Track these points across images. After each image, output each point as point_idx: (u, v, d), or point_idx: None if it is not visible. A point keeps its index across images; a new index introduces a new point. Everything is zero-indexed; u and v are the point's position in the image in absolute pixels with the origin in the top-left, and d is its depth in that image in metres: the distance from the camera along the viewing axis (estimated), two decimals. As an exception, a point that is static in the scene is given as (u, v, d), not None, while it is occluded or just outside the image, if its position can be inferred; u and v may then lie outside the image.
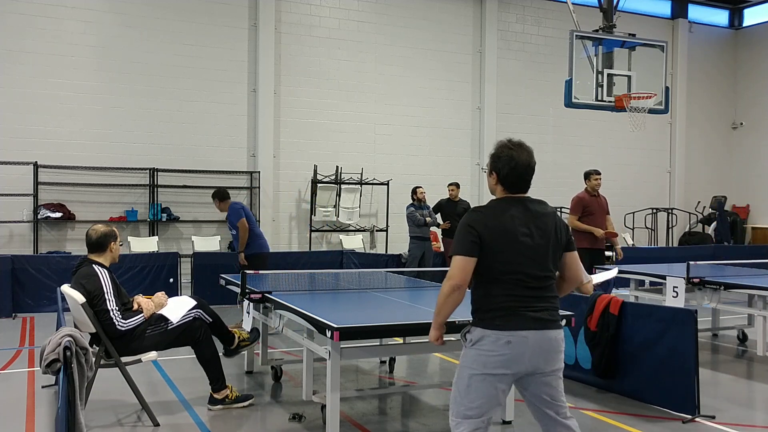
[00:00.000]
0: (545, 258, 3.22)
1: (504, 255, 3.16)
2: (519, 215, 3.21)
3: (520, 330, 3.16)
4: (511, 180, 3.25)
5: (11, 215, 11.12)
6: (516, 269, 3.17)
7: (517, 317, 3.17)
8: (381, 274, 7.57)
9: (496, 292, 3.20)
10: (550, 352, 3.26)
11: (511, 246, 3.16)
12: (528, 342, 3.17)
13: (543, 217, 3.25)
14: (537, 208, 3.27)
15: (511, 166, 3.22)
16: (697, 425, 5.00)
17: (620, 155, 16.05)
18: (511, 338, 3.15)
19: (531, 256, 3.18)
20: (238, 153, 12.74)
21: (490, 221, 3.18)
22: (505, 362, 3.18)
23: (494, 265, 3.17)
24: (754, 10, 17.59)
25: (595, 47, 9.65)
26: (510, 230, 3.17)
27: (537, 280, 3.20)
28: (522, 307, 3.18)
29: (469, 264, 3.15)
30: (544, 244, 3.22)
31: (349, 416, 5.13)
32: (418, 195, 11.14)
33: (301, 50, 13.14)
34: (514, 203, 3.25)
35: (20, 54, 11.24)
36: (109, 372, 4.96)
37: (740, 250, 14.58)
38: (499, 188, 3.30)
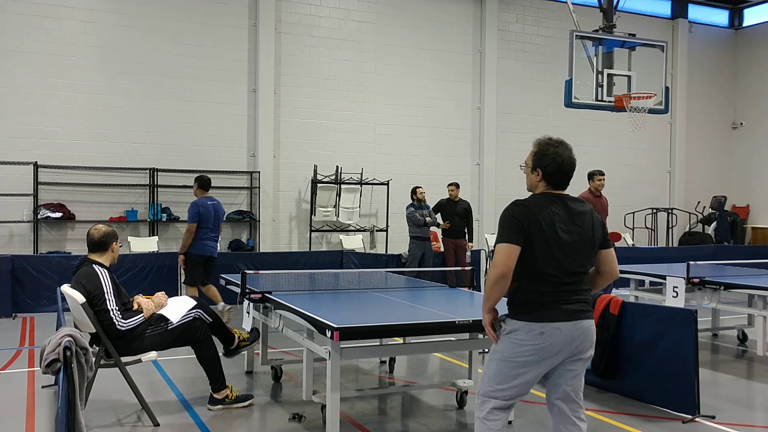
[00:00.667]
0: (581, 254, 3.35)
1: (542, 250, 3.27)
2: (559, 212, 3.33)
3: (553, 322, 3.27)
4: (557, 177, 3.39)
5: (11, 215, 11.12)
6: (553, 264, 3.28)
7: (551, 310, 3.29)
8: (381, 274, 7.58)
9: (532, 285, 3.32)
10: (581, 339, 3.34)
11: (550, 241, 3.28)
12: (561, 333, 3.28)
13: (581, 215, 3.38)
14: (575, 205, 3.40)
15: (558, 162, 3.37)
16: (697, 425, 5.01)
17: (620, 155, 16.05)
18: (544, 329, 3.27)
19: (568, 252, 3.30)
20: (238, 153, 12.74)
21: (533, 215, 3.29)
22: (536, 352, 3.29)
23: (532, 258, 3.28)
24: (754, 10, 17.59)
25: (595, 47, 9.65)
26: (550, 226, 3.28)
27: (572, 276, 3.33)
28: (556, 301, 3.30)
29: (514, 252, 3.26)
30: (581, 241, 3.34)
31: (349, 416, 5.13)
32: (418, 195, 11.14)
33: (301, 50, 13.14)
34: (555, 200, 3.37)
35: (20, 54, 11.24)
36: (109, 372, 4.96)
37: (740, 250, 14.59)
38: (542, 184, 3.42)
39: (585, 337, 3.35)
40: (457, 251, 11.34)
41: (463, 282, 6.78)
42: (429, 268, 10.34)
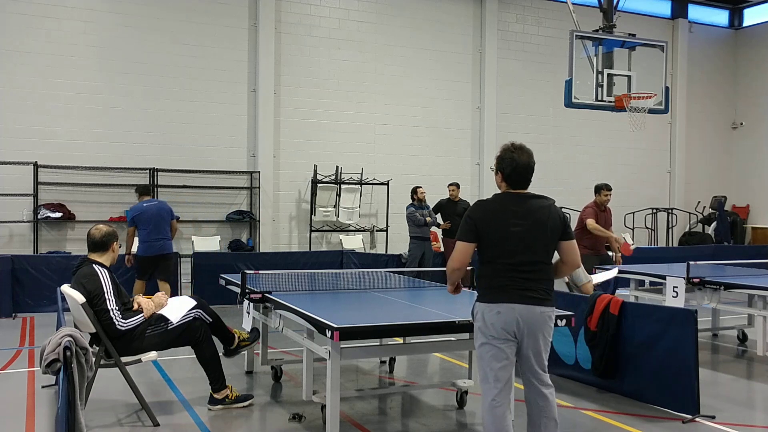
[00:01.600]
0: (536, 246, 3.76)
1: (496, 242, 3.75)
2: (515, 208, 3.78)
3: (508, 303, 3.72)
4: (514, 178, 3.86)
5: (11, 215, 11.12)
6: (506, 254, 3.73)
7: (506, 293, 3.73)
8: (381, 274, 7.58)
9: (490, 273, 3.79)
10: (537, 322, 3.75)
11: (502, 234, 3.73)
12: (515, 311, 3.71)
13: (539, 210, 3.79)
14: (533, 201, 3.82)
15: (513, 166, 3.86)
16: (697, 425, 5.01)
17: (620, 155, 16.05)
18: (500, 309, 3.73)
19: (521, 243, 3.73)
20: (238, 153, 12.74)
21: (487, 212, 3.80)
22: (497, 328, 3.72)
23: (488, 250, 3.78)
24: (754, 10, 17.59)
25: (595, 47, 9.65)
26: (503, 220, 3.74)
27: (527, 265, 3.74)
28: (511, 286, 3.73)
29: (466, 248, 3.80)
30: (537, 233, 3.75)
31: (349, 416, 5.13)
32: (418, 195, 11.14)
33: (301, 50, 13.14)
34: (513, 197, 3.83)
35: (20, 54, 11.24)
36: (109, 372, 4.96)
37: (740, 250, 14.58)
38: (504, 185, 3.91)
39: (541, 320, 3.75)
40: (457, 251, 11.32)
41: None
42: (429, 268, 10.34)
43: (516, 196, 3.84)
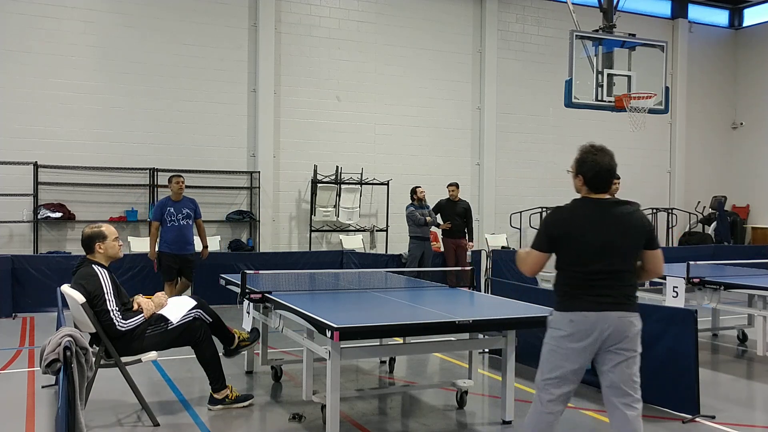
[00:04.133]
0: (615, 255, 3.59)
1: (573, 250, 3.61)
2: (593, 214, 3.64)
3: (581, 311, 3.57)
4: (595, 182, 3.68)
5: (11, 215, 11.11)
6: (582, 263, 3.59)
7: (579, 300, 3.59)
8: (381, 274, 7.58)
9: (565, 280, 3.67)
10: (615, 327, 3.56)
11: (579, 243, 3.60)
12: (589, 320, 3.56)
13: (620, 217, 3.64)
14: (614, 208, 3.67)
15: (595, 170, 3.66)
16: (697, 425, 5.01)
17: (620, 155, 15.72)
18: (573, 317, 3.59)
19: (598, 252, 3.58)
20: (238, 153, 12.74)
21: (565, 220, 3.68)
22: (570, 337, 3.59)
23: (564, 258, 3.66)
24: (754, 10, 17.58)
25: (595, 47, 9.64)
26: (581, 228, 3.61)
27: (603, 274, 3.59)
28: (585, 294, 3.59)
29: (539, 258, 3.70)
30: (617, 242, 3.59)
31: (349, 416, 5.13)
32: (418, 195, 11.14)
33: (301, 50, 13.14)
34: (592, 204, 3.69)
35: (20, 54, 11.24)
36: (109, 372, 4.96)
37: (740, 250, 14.58)
38: (584, 189, 3.74)
39: (615, 327, 3.55)
40: (458, 251, 11.34)
41: (463, 282, 6.77)
42: (429, 268, 10.34)
43: (597, 202, 3.69)
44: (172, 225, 8.68)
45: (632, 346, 3.61)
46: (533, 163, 15.21)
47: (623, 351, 3.59)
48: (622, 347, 3.59)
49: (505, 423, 5.01)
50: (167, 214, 8.68)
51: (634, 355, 3.62)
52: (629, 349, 3.60)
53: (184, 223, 8.70)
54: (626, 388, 3.61)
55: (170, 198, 8.85)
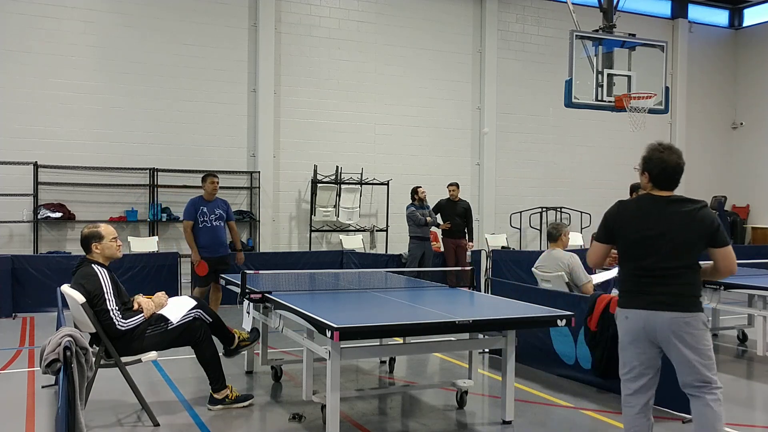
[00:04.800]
0: (672, 250, 3.61)
1: (628, 245, 3.71)
2: (653, 210, 3.67)
3: (635, 308, 3.68)
4: (661, 180, 3.72)
5: (11, 215, 11.11)
6: (638, 257, 3.67)
7: (635, 298, 3.70)
8: (381, 274, 7.57)
9: (625, 275, 3.79)
10: (668, 329, 3.62)
11: (635, 237, 3.67)
12: (641, 318, 3.66)
13: (680, 214, 3.64)
14: (676, 206, 3.67)
15: (661, 167, 3.70)
16: (697, 425, 5.00)
17: (620, 155, 16.03)
18: (628, 314, 3.72)
19: (654, 247, 3.63)
20: (238, 153, 12.74)
21: (623, 214, 3.76)
22: (625, 334, 3.74)
23: (624, 250, 3.76)
24: (754, 10, 17.58)
25: (595, 47, 9.64)
26: (636, 223, 3.68)
27: (658, 270, 3.63)
28: (639, 291, 3.68)
29: (599, 249, 3.86)
30: (674, 237, 3.61)
31: (349, 416, 5.13)
32: (419, 195, 11.14)
33: (301, 50, 13.14)
34: (654, 200, 3.71)
35: (20, 54, 11.24)
36: (109, 372, 4.96)
37: (740, 250, 14.52)
38: (650, 186, 3.77)
39: (670, 328, 3.61)
40: (458, 251, 11.34)
41: (463, 282, 6.77)
42: (429, 268, 10.34)
43: (657, 198, 3.72)
44: (204, 226, 8.16)
45: (695, 344, 3.64)
46: (533, 163, 15.21)
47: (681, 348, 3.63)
48: (683, 345, 3.63)
49: (505, 423, 5.00)
50: (200, 214, 8.15)
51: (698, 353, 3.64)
52: (691, 346, 3.63)
53: (216, 224, 8.23)
54: (696, 383, 3.68)
55: (202, 197, 8.32)
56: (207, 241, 8.14)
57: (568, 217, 14.86)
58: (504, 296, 6.15)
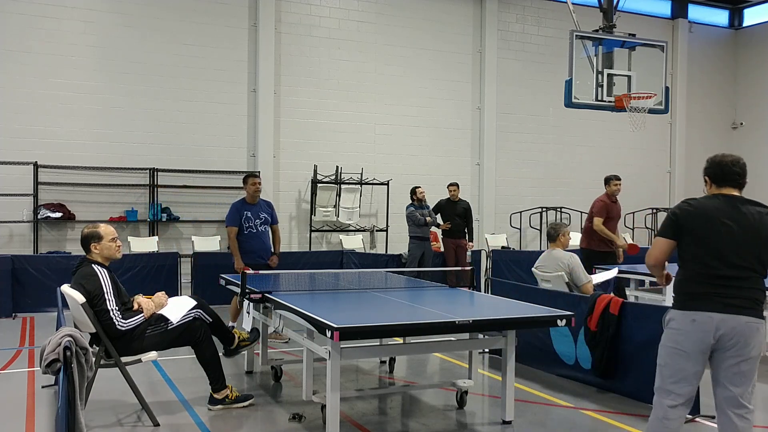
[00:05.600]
0: (744, 251, 3.48)
1: (701, 241, 3.51)
2: (724, 208, 3.56)
3: (706, 311, 3.46)
4: (719, 175, 3.67)
5: (11, 215, 11.11)
6: (711, 255, 3.48)
7: (706, 300, 3.48)
8: (381, 274, 7.58)
9: (690, 276, 3.56)
10: (739, 333, 3.44)
11: (709, 234, 3.50)
12: (713, 321, 3.45)
13: (752, 215, 3.55)
14: (746, 206, 3.60)
15: (716, 161, 3.70)
16: (697, 425, 5.01)
17: (620, 155, 16.04)
18: (696, 317, 3.48)
19: (729, 246, 3.47)
20: (238, 153, 12.74)
21: (693, 210, 3.58)
22: (688, 339, 3.49)
23: (690, 249, 3.55)
24: (754, 10, 17.58)
25: (595, 47, 9.65)
26: (711, 219, 3.52)
27: (732, 269, 3.47)
28: (711, 293, 3.48)
29: (664, 245, 3.63)
30: (747, 238, 3.48)
31: (349, 416, 5.13)
32: (418, 195, 11.13)
33: (301, 50, 13.14)
34: (722, 198, 3.61)
35: (20, 54, 11.24)
36: (109, 372, 4.96)
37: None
38: (713, 189, 3.70)
39: (741, 333, 3.43)
40: (458, 251, 11.34)
41: (463, 282, 6.77)
42: (429, 268, 10.34)
43: (727, 197, 3.63)
44: (250, 232, 7.73)
45: (754, 354, 3.49)
46: (533, 163, 15.21)
47: (744, 358, 3.46)
48: (744, 354, 3.46)
49: (505, 423, 5.01)
50: (245, 219, 7.73)
51: (751, 365, 3.50)
52: (750, 358, 3.48)
53: (262, 229, 7.80)
54: (741, 400, 3.51)
55: (245, 201, 7.92)
56: (254, 248, 7.72)
57: (568, 217, 14.86)
58: (504, 296, 6.15)
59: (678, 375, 3.54)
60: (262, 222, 7.82)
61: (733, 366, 3.49)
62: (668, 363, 3.58)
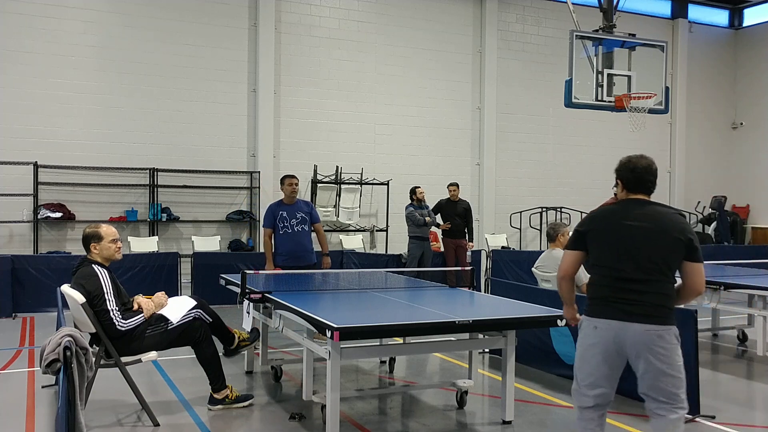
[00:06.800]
0: (650, 252, 3.42)
1: (604, 244, 3.52)
2: (629, 210, 3.52)
3: (606, 318, 3.48)
4: (632, 181, 3.59)
5: (11, 215, 11.11)
6: (614, 257, 3.47)
7: (606, 306, 3.49)
8: (381, 274, 7.57)
9: (595, 279, 3.60)
10: (640, 342, 3.40)
11: (612, 236, 3.50)
12: (612, 329, 3.46)
13: (659, 215, 3.48)
14: (654, 207, 3.53)
15: (629, 168, 3.61)
16: (697, 425, 5.01)
17: (620, 155, 15.94)
18: (597, 324, 3.51)
19: (633, 247, 3.43)
20: (238, 153, 12.74)
21: (596, 216, 3.64)
22: (593, 346, 3.53)
23: (595, 253, 3.57)
24: (754, 10, 17.58)
25: (595, 47, 9.65)
26: (614, 222, 3.52)
27: (636, 272, 3.43)
28: (612, 297, 3.47)
29: (570, 256, 3.64)
30: (653, 239, 3.42)
31: (349, 416, 5.13)
32: (417, 195, 11.13)
33: (301, 50, 13.14)
34: (629, 202, 3.58)
35: (20, 54, 11.24)
36: (109, 372, 4.96)
37: (740, 250, 14.58)
38: (624, 194, 3.64)
39: (636, 341, 3.39)
40: (458, 251, 11.34)
41: (463, 282, 6.77)
42: (428, 268, 10.34)
43: (636, 202, 3.56)
44: (285, 232, 7.57)
45: (667, 360, 3.39)
46: (533, 163, 15.21)
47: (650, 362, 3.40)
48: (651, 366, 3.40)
49: (505, 423, 5.00)
50: (279, 220, 7.58)
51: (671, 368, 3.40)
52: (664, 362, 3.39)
53: (299, 229, 7.60)
54: (661, 397, 3.44)
55: (282, 201, 7.75)
56: (289, 249, 7.54)
57: (568, 217, 14.86)
58: (504, 296, 6.15)
59: (588, 378, 3.57)
60: (299, 222, 7.62)
61: (646, 376, 3.43)
62: (579, 366, 3.62)
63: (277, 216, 7.61)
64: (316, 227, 7.83)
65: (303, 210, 7.71)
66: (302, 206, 7.77)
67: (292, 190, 7.68)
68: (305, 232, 7.67)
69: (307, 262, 7.65)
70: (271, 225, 7.63)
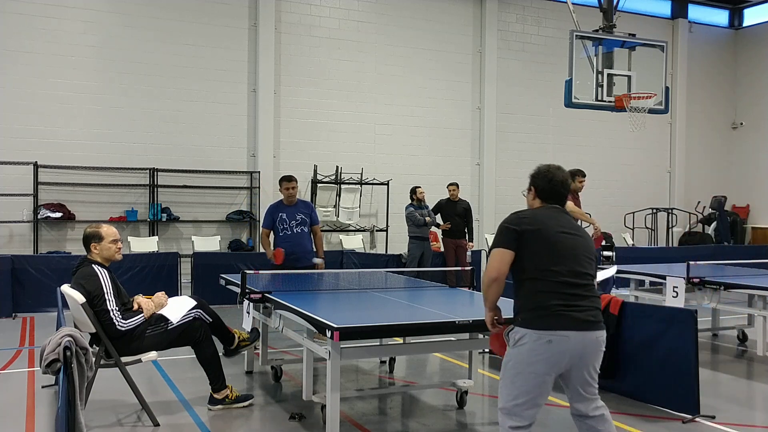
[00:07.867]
0: (583, 259, 3.38)
1: (546, 250, 3.33)
2: (556, 218, 3.47)
3: (561, 329, 3.25)
4: (547, 191, 3.56)
5: (11, 215, 11.11)
6: (559, 264, 3.30)
7: (559, 316, 3.25)
8: (381, 274, 7.57)
9: (539, 288, 3.30)
10: (590, 353, 3.36)
11: (552, 243, 3.34)
12: (569, 341, 3.26)
13: (580, 230, 3.54)
14: (573, 221, 3.57)
15: (548, 178, 3.56)
16: (697, 425, 5.00)
17: (620, 155, 16.05)
18: (552, 337, 3.24)
19: (572, 254, 3.35)
20: (238, 153, 12.74)
21: (530, 219, 3.44)
22: (545, 361, 3.26)
23: (534, 260, 3.33)
24: (754, 10, 17.59)
25: (595, 47, 9.65)
26: (550, 229, 3.38)
27: (580, 278, 3.33)
28: (564, 306, 3.26)
29: (507, 256, 3.37)
30: (581, 246, 3.42)
31: (349, 416, 5.13)
32: (417, 195, 11.13)
33: (301, 50, 13.14)
34: (551, 209, 3.54)
35: (20, 54, 11.24)
36: (109, 372, 4.95)
37: (740, 250, 14.58)
38: (536, 202, 3.61)
39: (594, 349, 3.37)
40: (458, 251, 11.34)
41: (463, 282, 6.77)
42: (428, 268, 10.34)
43: (555, 208, 3.55)
44: (284, 234, 7.53)
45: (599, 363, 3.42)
46: (533, 163, 14.97)
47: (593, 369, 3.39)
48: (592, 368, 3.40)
49: (505, 423, 5.00)
50: (279, 222, 7.55)
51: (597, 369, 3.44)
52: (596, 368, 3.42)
53: (298, 230, 7.55)
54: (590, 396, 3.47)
55: (282, 202, 7.71)
56: (288, 250, 7.45)
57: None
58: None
59: (524, 397, 3.30)
60: (298, 223, 7.59)
61: (580, 378, 3.40)
62: (516, 384, 3.31)
63: (277, 218, 7.61)
64: (313, 230, 7.80)
65: (303, 211, 7.70)
66: (302, 208, 7.77)
67: (290, 195, 7.66)
68: (305, 233, 7.67)
69: (306, 263, 7.63)
70: (270, 226, 7.66)
